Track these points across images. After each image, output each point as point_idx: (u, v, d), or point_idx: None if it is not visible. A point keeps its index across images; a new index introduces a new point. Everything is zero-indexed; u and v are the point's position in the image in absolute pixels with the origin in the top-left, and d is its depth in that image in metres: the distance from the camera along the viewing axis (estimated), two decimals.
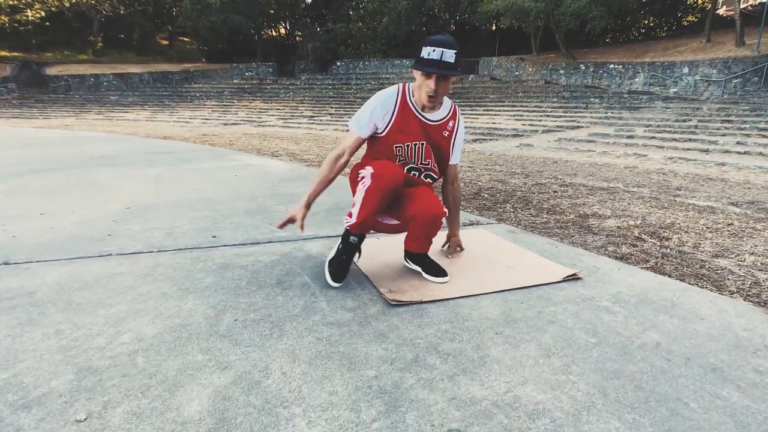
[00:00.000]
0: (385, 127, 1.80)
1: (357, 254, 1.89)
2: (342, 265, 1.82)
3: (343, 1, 37.83)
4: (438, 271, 1.86)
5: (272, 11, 38.56)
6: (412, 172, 1.87)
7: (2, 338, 1.40)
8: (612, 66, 22.92)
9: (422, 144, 1.81)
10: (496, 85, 26.89)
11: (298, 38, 41.81)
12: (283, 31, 43.32)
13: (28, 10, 34.47)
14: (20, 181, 4.31)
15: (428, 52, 1.64)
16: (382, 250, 2.17)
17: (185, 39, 43.23)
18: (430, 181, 1.93)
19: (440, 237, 2.33)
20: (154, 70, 33.90)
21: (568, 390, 1.14)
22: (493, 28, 34.70)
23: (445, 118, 1.85)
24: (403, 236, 1.93)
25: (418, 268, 1.91)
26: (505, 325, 1.48)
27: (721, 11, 30.11)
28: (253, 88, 32.17)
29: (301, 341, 1.39)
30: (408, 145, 1.80)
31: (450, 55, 1.64)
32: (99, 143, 8.79)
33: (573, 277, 1.85)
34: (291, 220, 1.82)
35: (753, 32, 20.40)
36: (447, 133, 1.86)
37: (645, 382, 1.17)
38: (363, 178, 1.72)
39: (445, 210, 1.83)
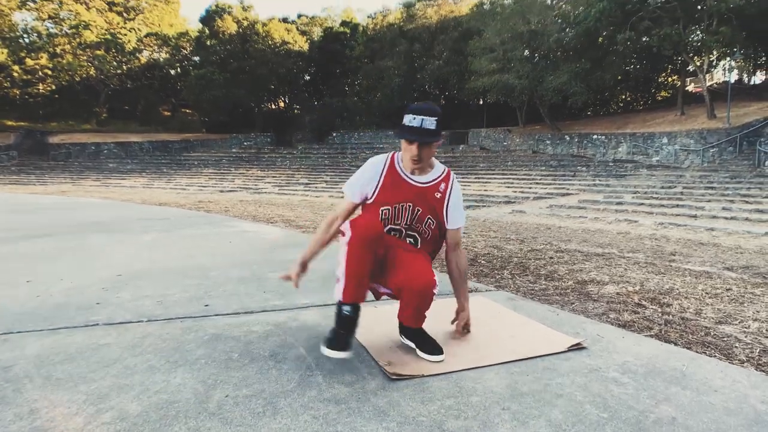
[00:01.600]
0: (374, 192, 1.82)
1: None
2: (340, 338, 1.65)
3: (339, 78, 40.31)
4: (433, 348, 1.71)
5: (273, 86, 40.83)
6: (392, 232, 1.80)
7: None
8: (595, 136, 24.05)
9: (409, 205, 1.79)
10: (485, 155, 27.96)
11: (296, 111, 43.89)
12: (282, 104, 45.60)
13: (41, 84, 36.14)
14: (9, 247, 4.25)
15: (410, 120, 1.69)
16: (380, 320, 2.11)
17: (187, 111, 45.14)
18: (412, 242, 1.82)
19: (445, 308, 2.27)
20: (155, 139, 35.07)
21: None
22: (481, 102, 36.79)
23: (436, 180, 1.84)
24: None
25: (412, 344, 1.77)
26: (511, 400, 1.40)
27: (690, 88, 32.32)
28: (250, 156, 33.13)
29: (297, 420, 1.30)
30: (396, 207, 1.79)
31: (431, 122, 1.68)
32: (93, 209, 8.83)
33: (578, 347, 1.79)
34: (287, 278, 1.88)
35: (721, 106, 21.78)
36: (439, 194, 1.83)
37: None
38: (343, 233, 1.67)
39: (435, 280, 1.67)
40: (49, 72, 34.89)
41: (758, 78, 37.37)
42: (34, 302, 2.46)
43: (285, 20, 43.19)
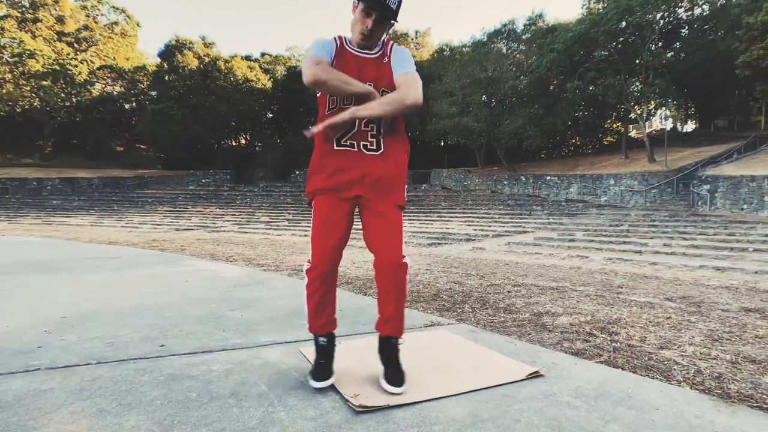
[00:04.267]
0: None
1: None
2: (322, 368, 1.76)
3: (303, 116, 40.85)
4: (393, 378, 1.71)
5: (234, 123, 40.63)
6: (348, 136, 1.71)
7: None
8: (549, 177, 25.42)
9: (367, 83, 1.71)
10: (447, 194, 28.78)
11: (258, 148, 43.67)
12: (243, 141, 45.31)
13: None
14: None
15: None
16: (345, 353, 2.11)
17: (142, 146, 43.84)
18: (373, 133, 1.72)
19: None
20: (106, 175, 33.66)
21: None
22: (442, 143, 38.21)
23: (380, 49, 1.77)
24: (365, 339, 1.89)
25: (382, 368, 1.76)
26: (473, 427, 1.44)
27: (633, 134, 35.14)
28: (209, 194, 32.41)
29: None
30: None
31: (393, 0, 1.61)
32: (34, 248, 8.29)
33: (535, 375, 1.87)
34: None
35: (659, 151, 23.79)
36: (386, 59, 1.75)
37: None
38: (306, 272, 1.76)
39: (406, 261, 1.71)
40: None
41: (689, 126, 41.31)
42: None
43: (248, 58, 43.68)
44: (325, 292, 1.76)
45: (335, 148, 1.74)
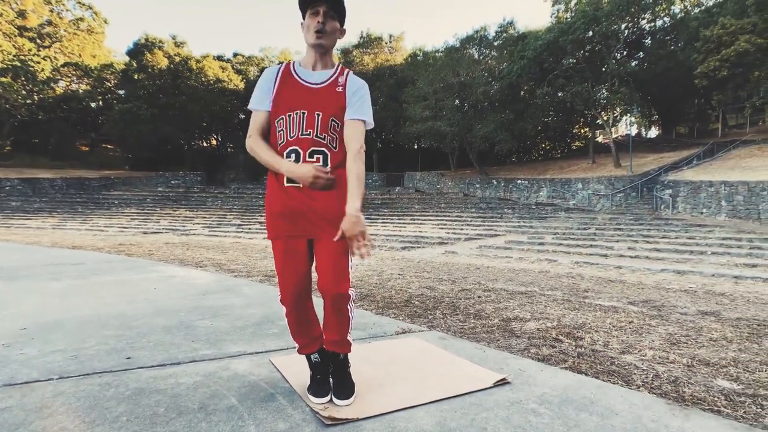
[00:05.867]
0: (270, 101, 1.69)
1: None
2: (320, 383, 1.75)
3: None
4: (341, 392, 1.72)
5: (205, 124, 39.83)
6: (292, 155, 1.63)
7: None
8: (519, 181, 25.98)
9: (303, 113, 1.63)
10: (420, 197, 29.01)
11: (230, 149, 42.90)
12: (214, 142, 44.46)
13: None
14: None
15: None
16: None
17: (109, 146, 42.37)
18: (321, 163, 1.63)
19: (378, 351, 2.33)
20: (69, 175, 32.29)
21: None
22: (416, 146, 38.53)
23: (333, 75, 1.69)
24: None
25: (332, 381, 1.77)
26: None
27: (600, 139, 36.36)
28: (178, 196, 31.60)
29: None
30: (289, 115, 1.64)
31: None
32: None
33: (502, 382, 1.92)
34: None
35: (624, 156, 24.71)
36: (340, 88, 1.67)
37: None
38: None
39: (350, 293, 1.68)
40: None
41: (652, 132, 43.14)
42: None
43: (220, 58, 42.97)
44: (299, 316, 1.76)
45: (285, 185, 1.67)
